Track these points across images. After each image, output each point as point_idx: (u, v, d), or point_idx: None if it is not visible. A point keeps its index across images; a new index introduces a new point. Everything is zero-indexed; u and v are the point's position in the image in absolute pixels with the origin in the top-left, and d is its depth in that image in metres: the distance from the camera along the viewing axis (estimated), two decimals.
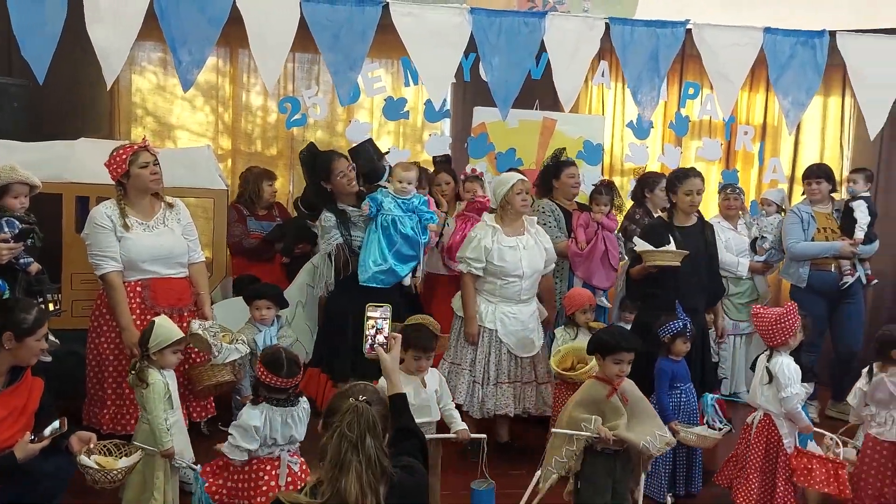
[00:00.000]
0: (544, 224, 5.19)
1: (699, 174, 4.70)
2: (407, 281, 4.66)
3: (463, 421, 3.88)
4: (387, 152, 5.56)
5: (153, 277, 4.17)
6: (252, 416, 3.27)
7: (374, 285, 4.47)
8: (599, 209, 5.25)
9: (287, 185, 6.55)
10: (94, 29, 4.34)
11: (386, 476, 2.22)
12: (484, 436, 3.69)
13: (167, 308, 4.14)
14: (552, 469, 3.65)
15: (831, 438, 4.00)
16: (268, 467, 3.34)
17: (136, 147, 4.12)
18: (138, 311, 4.10)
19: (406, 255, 4.55)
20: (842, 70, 6.00)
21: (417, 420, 3.62)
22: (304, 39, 4.79)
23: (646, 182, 5.87)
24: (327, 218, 4.58)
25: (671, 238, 4.52)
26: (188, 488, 3.69)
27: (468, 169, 5.71)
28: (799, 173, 6.89)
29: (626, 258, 5.27)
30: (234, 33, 5.12)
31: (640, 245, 4.61)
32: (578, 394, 3.75)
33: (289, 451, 3.39)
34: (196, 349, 4.21)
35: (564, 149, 5.64)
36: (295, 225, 5.54)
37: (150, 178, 4.12)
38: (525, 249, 4.58)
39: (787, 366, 3.91)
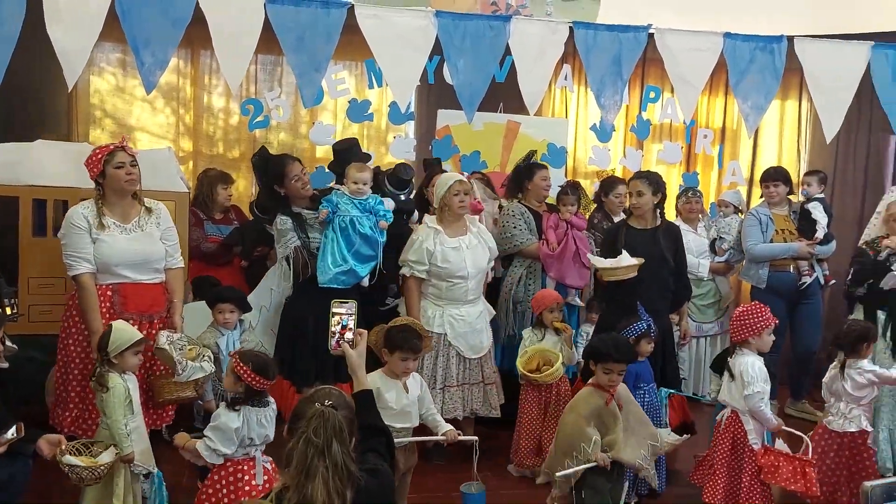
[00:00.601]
0: (514, 227, 5.22)
1: (644, 175, 4.74)
2: (365, 282, 4.64)
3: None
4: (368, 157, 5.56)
5: (124, 282, 4.10)
6: (231, 418, 3.27)
7: (335, 286, 4.44)
8: (567, 209, 5.29)
9: (250, 188, 6.48)
10: (53, 29, 4.24)
11: (353, 481, 2.21)
12: (475, 438, 3.70)
13: (136, 314, 4.08)
14: (555, 488, 3.76)
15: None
16: (246, 468, 3.34)
17: (112, 147, 4.06)
18: (108, 316, 4.02)
19: (365, 255, 4.53)
20: (798, 74, 6.11)
21: (396, 425, 3.66)
22: (266, 41, 4.74)
23: (603, 185, 5.94)
24: (283, 221, 4.54)
25: (622, 249, 4.59)
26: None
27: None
28: (758, 176, 7.01)
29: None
30: (195, 34, 5.05)
31: (596, 262, 4.71)
32: (581, 404, 3.80)
33: (261, 450, 3.40)
34: (161, 362, 4.15)
35: (536, 151, 5.68)
36: (253, 228, 5.50)
37: (126, 179, 4.04)
38: (468, 249, 4.60)
39: (751, 364, 3.96)
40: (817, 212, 5.60)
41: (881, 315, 4.78)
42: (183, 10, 4.30)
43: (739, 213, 6.20)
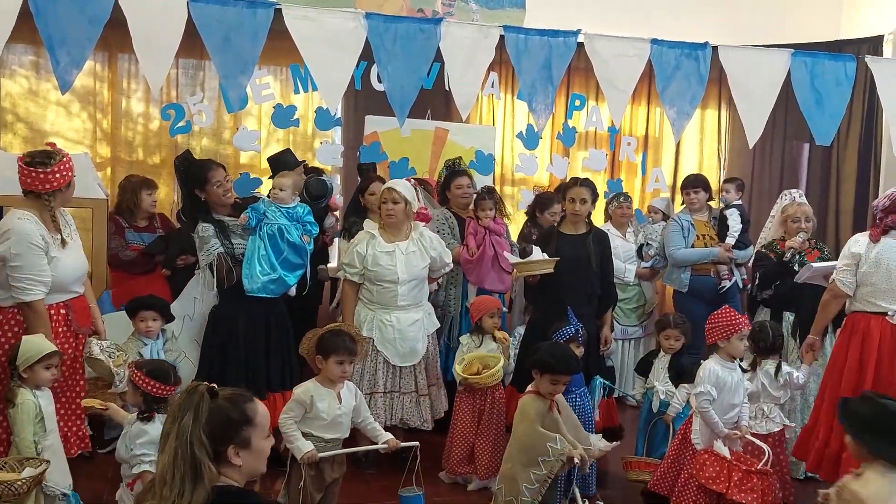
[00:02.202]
0: (438, 232, 5.21)
1: (587, 184, 4.79)
2: (293, 291, 4.54)
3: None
4: (303, 161, 5.44)
5: (73, 297, 3.85)
6: (155, 428, 3.15)
7: (264, 295, 4.35)
8: (485, 214, 5.30)
9: (171, 195, 6.28)
10: None
11: (201, 479, 2.03)
12: (416, 443, 3.65)
13: (84, 328, 3.87)
14: (527, 498, 3.68)
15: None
16: None
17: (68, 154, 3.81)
18: (64, 335, 3.74)
19: (294, 263, 4.44)
20: (718, 85, 6.30)
21: (326, 436, 3.59)
22: (188, 44, 4.60)
23: (539, 201, 5.96)
24: (205, 228, 4.40)
25: (537, 248, 4.66)
26: None
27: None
28: (680, 183, 7.20)
29: None
30: (113, 37, 4.88)
31: (510, 258, 4.77)
32: (529, 411, 3.79)
33: None
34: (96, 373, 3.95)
35: (460, 158, 5.66)
36: (179, 236, 5.34)
37: (74, 188, 3.86)
38: (404, 254, 4.55)
39: (703, 367, 4.03)
40: (733, 218, 5.77)
41: (788, 316, 4.93)
42: (101, 7, 4.12)
43: (668, 220, 6.33)
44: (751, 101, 4.86)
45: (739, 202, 5.96)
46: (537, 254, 4.65)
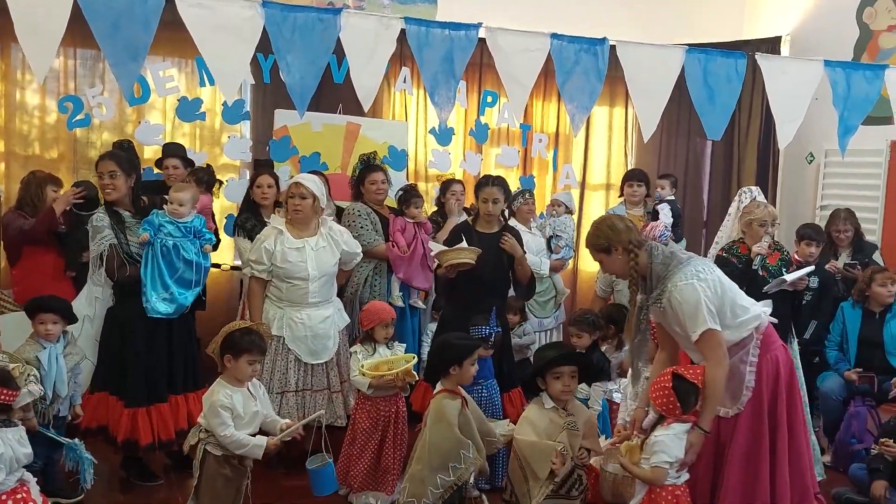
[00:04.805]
0: (361, 227, 5.16)
1: (499, 182, 4.84)
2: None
3: None
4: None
5: None
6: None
7: (163, 317, 4.23)
8: (419, 211, 5.31)
9: None
10: None
11: None
12: (322, 411, 3.69)
13: None
14: (429, 501, 3.62)
15: None
16: (23, 495, 3.10)
17: None
18: None
19: (189, 279, 4.31)
20: (624, 83, 6.43)
21: (248, 432, 3.53)
22: (85, 35, 4.43)
23: (444, 188, 5.99)
24: (99, 218, 4.25)
25: (464, 238, 4.68)
26: None
27: None
28: (589, 179, 7.39)
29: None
30: (3, 25, 4.66)
31: (435, 247, 4.77)
32: (447, 413, 3.70)
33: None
34: None
35: (374, 152, 5.63)
36: (75, 232, 5.13)
37: None
38: (314, 251, 4.50)
39: None
40: (664, 213, 5.92)
41: None
42: None
43: (570, 214, 6.45)
44: (647, 97, 4.94)
45: (672, 198, 6.11)
46: (464, 244, 4.65)
